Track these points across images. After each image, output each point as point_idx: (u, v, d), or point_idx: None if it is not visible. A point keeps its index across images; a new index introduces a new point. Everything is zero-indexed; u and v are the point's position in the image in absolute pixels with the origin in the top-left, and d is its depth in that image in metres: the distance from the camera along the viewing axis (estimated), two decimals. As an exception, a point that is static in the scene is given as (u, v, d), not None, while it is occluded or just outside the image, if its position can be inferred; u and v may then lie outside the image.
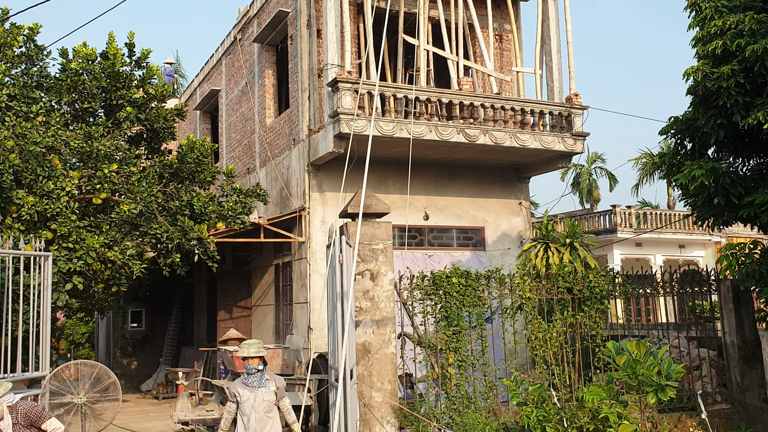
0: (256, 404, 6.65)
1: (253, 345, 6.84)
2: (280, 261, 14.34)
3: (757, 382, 9.74)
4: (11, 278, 7.62)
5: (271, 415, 6.73)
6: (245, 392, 6.71)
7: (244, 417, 6.65)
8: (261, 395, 6.67)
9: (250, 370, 6.72)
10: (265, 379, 6.76)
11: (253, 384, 6.70)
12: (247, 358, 6.74)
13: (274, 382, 6.82)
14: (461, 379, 8.98)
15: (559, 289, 9.65)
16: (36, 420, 6.01)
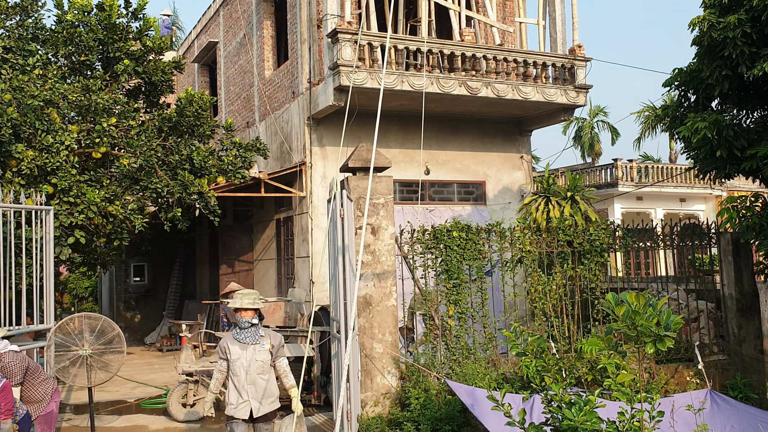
0: (248, 363, 5.93)
1: (248, 295, 6.04)
2: (281, 216, 14.36)
3: (753, 334, 9.86)
4: (13, 232, 7.65)
5: (265, 377, 6.00)
6: (236, 349, 5.97)
7: (234, 378, 5.94)
8: (254, 353, 5.94)
9: (243, 324, 5.96)
10: (259, 336, 6.00)
11: (246, 340, 5.96)
12: (239, 310, 5.98)
13: (270, 339, 6.06)
14: (461, 331, 9.09)
15: (559, 243, 9.68)
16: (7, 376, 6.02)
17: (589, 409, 4.82)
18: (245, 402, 5.91)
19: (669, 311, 4.43)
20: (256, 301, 6.05)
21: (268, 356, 6.01)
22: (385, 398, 8.42)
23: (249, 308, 5.98)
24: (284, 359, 6.16)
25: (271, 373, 6.05)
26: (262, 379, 5.97)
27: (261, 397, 5.93)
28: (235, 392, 5.96)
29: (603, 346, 5.36)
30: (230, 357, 5.94)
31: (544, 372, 5.37)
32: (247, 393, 5.91)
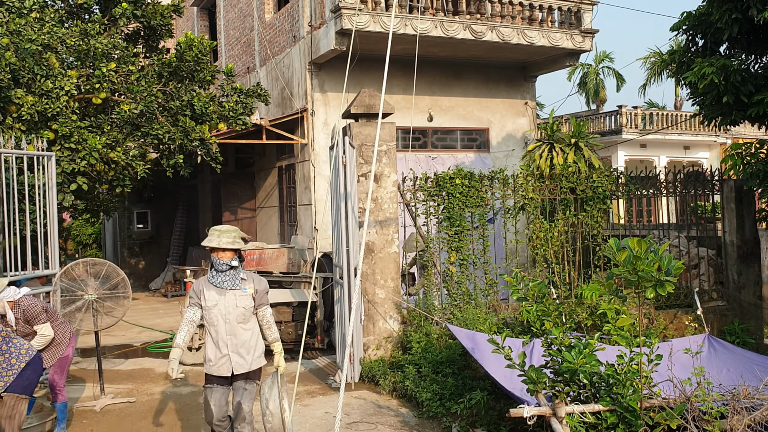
0: (227, 311, 5.10)
1: (226, 233, 5.10)
2: (283, 163, 14.32)
3: (753, 280, 9.94)
4: (16, 178, 7.64)
5: (247, 327, 5.19)
6: (212, 294, 5.11)
7: (211, 329, 5.12)
8: (233, 299, 5.10)
9: (220, 266, 5.06)
10: (240, 279, 5.15)
11: (224, 284, 5.10)
12: (216, 250, 5.07)
13: (253, 283, 5.21)
14: (462, 277, 9.17)
15: (562, 189, 9.67)
16: (31, 320, 6.15)
17: (588, 352, 4.89)
18: (225, 357, 5.10)
19: (670, 257, 4.45)
20: (236, 240, 5.11)
21: (250, 302, 5.18)
22: (387, 342, 8.56)
23: (227, 249, 5.05)
24: (268, 308, 5.35)
25: (254, 324, 5.27)
26: (244, 329, 5.17)
27: (244, 351, 5.16)
28: (213, 346, 5.15)
29: (603, 291, 5.43)
30: (205, 304, 5.11)
31: (545, 317, 5.43)
32: (227, 346, 5.10)
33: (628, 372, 4.95)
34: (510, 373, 5.94)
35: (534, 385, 5.09)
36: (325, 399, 7.59)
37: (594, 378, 5.02)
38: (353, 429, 6.50)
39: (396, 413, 7.02)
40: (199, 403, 7.58)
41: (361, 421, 6.76)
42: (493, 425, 6.27)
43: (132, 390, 8.18)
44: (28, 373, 5.36)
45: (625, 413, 4.75)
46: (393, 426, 6.61)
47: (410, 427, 6.58)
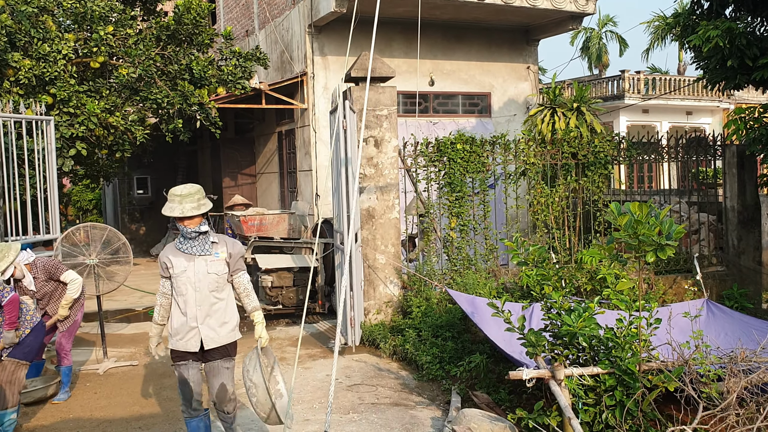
0: (196, 278, 4.57)
1: (188, 197, 4.50)
2: (282, 128, 14.24)
3: (753, 246, 9.96)
4: (15, 143, 7.61)
5: (221, 296, 4.66)
6: (179, 261, 4.59)
7: (179, 298, 4.60)
8: (204, 265, 4.58)
9: (188, 233, 4.54)
10: (210, 243, 4.63)
11: (192, 250, 4.58)
12: (181, 220, 4.54)
13: (226, 247, 4.70)
14: (462, 243, 9.19)
15: (563, 154, 9.62)
16: (54, 272, 6.29)
17: (588, 316, 4.92)
18: (194, 329, 4.57)
19: (671, 221, 4.45)
20: (201, 203, 4.54)
21: (223, 268, 4.65)
22: (387, 306, 8.61)
23: (195, 216, 4.52)
24: (245, 274, 4.79)
25: (228, 292, 4.74)
26: (216, 298, 4.63)
27: (215, 323, 4.62)
28: (181, 317, 4.60)
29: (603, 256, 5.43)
30: (173, 271, 4.59)
31: (544, 281, 5.45)
32: (196, 317, 4.56)
33: (627, 335, 4.98)
34: (509, 337, 5.99)
35: (533, 349, 5.13)
36: (326, 362, 7.66)
37: (593, 341, 5.06)
38: (354, 391, 6.58)
39: (396, 376, 7.10)
40: (202, 366, 7.66)
41: (362, 383, 6.84)
42: (492, 388, 6.34)
43: (134, 354, 8.26)
44: (30, 339, 5.41)
45: (623, 376, 4.79)
46: (393, 388, 6.69)
47: (410, 390, 6.66)
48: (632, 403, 4.69)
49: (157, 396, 6.64)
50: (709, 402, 4.23)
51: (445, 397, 6.40)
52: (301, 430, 5.59)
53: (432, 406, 6.17)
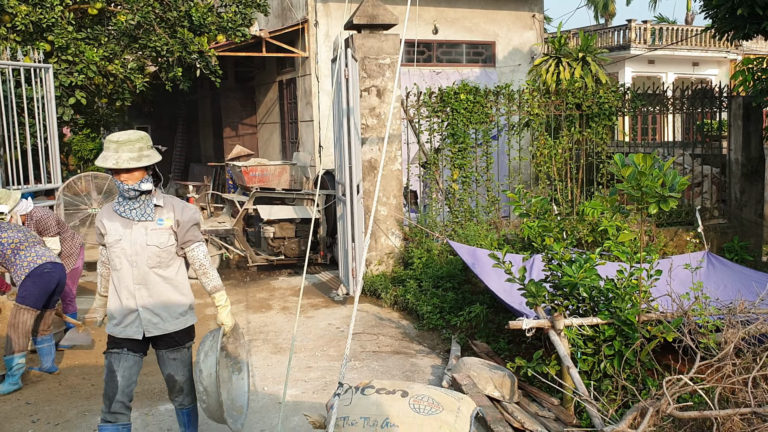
0: (134, 250, 3.71)
1: (126, 144, 3.60)
2: (283, 77, 14.07)
3: (755, 198, 9.94)
4: (13, 91, 7.53)
5: (165, 274, 3.80)
6: (115, 227, 3.73)
7: (114, 274, 3.77)
8: (143, 235, 3.71)
9: (125, 191, 3.66)
10: (152, 207, 3.74)
11: (131, 214, 3.71)
12: (117, 173, 3.65)
13: (173, 212, 3.79)
14: (464, 194, 9.17)
15: (567, 105, 9.52)
16: (43, 231, 6.25)
17: (589, 267, 4.94)
18: (133, 313, 3.76)
19: (675, 172, 4.42)
20: (143, 153, 3.64)
21: (168, 239, 3.76)
22: (388, 258, 8.65)
23: (134, 168, 3.62)
24: (200, 246, 3.89)
25: (178, 269, 3.88)
26: (160, 276, 3.78)
27: (159, 307, 3.79)
28: (116, 298, 3.79)
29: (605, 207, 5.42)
30: (106, 239, 3.76)
31: (546, 232, 5.45)
32: (135, 298, 3.74)
33: (627, 287, 5.01)
34: (509, 288, 6.03)
35: (533, 299, 5.17)
36: (328, 311, 7.75)
37: (593, 292, 5.09)
38: (356, 339, 6.67)
39: (397, 325, 7.19)
40: (205, 314, 7.76)
41: (364, 332, 6.93)
42: (492, 337, 6.42)
43: (139, 302, 8.33)
44: (28, 284, 5.45)
45: (622, 326, 4.84)
46: (394, 337, 6.78)
47: (411, 338, 6.74)
48: (631, 353, 4.75)
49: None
50: (707, 352, 4.28)
51: (445, 346, 6.49)
52: (303, 377, 5.69)
53: (432, 355, 6.26)
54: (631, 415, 3.72)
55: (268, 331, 7.06)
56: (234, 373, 4.32)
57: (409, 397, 3.37)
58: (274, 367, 5.96)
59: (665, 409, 3.68)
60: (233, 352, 4.32)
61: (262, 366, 6.00)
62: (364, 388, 3.50)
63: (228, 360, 4.30)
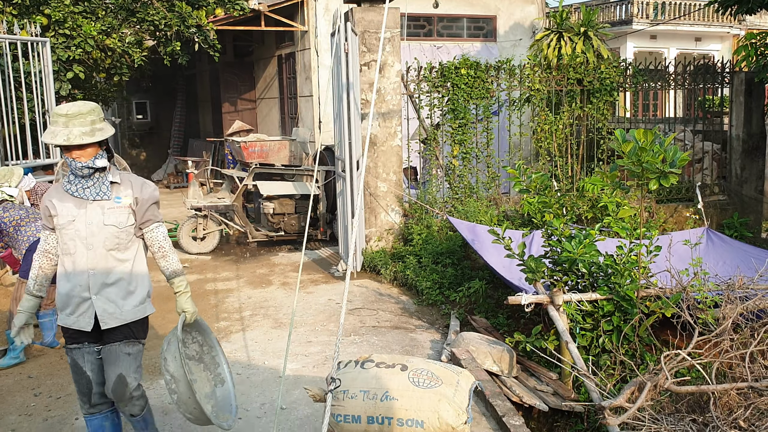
0: (88, 231, 3.37)
1: (77, 117, 3.26)
2: (282, 52, 13.96)
3: (756, 175, 9.93)
4: (11, 65, 7.47)
5: (124, 256, 3.47)
6: (67, 207, 3.39)
7: (66, 258, 3.41)
8: (99, 214, 3.39)
9: (79, 170, 3.32)
10: (108, 185, 3.40)
11: (84, 193, 3.37)
12: (68, 150, 3.30)
13: (132, 189, 3.48)
14: (464, 170, 9.15)
15: (569, 81, 9.46)
16: None
17: (588, 242, 4.94)
18: (86, 302, 3.41)
19: (676, 148, 4.40)
20: (95, 127, 3.31)
21: (127, 219, 3.45)
22: (388, 234, 8.66)
23: (87, 144, 3.28)
24: (160, 227, 3.59)
25: (135, 252, 3.54)
26: (117, 260, 3.45)
27: (116, 294, 3.45)
28: (67, 283, 3.42)
29: (605, 183, 5.42)
30: (57, 221, 3.40)
31: (546, 208, 5.45)
32: (89, 285, 3.39)
33: (626, 262, 5.02)
34: (509, 263, 6.05)
35: (533, 275, 5.18)
36: (328, 287, 7.77)
37: (593, 268, 5.11)
38: (355, 314, 6.70)
39: (396, 300, 7.22)
40: (206, 289, 7.79)
41: (363, 307, 6.96)
42: (491, 313, 6.45)
43: (139, 277, 8.36)
44: (29, 258, 5.47)
45: (621, 302, 4.86)
46: (393, 312, 6.81)
47: (410, 314, 6.78)
48: (629, 328, 4.77)
49: (162, 319, 6.77)
50: (705, 328, 4.31)
51: (444, 322, 6.52)
52: (303, 351, 5.72)
53: (431, 330, 6.30)
54: (629, 390, 3.75)
55: (268, 306, 7.09)
56: (217, 386, 3.91)
57: (409, 371, 3.40)
58: (274, 342, 5.99)
59: (663, 383, 3.71)
60: (210, 363, 3.92)
61: (263, 340, 6.04)
62: (363, 362, 3.53)
63: (207, 373, 3.90)
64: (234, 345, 5.96)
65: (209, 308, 7.08)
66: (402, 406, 3.25)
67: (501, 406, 4.34)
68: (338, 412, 3.33)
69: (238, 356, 5.68)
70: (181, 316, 3.66)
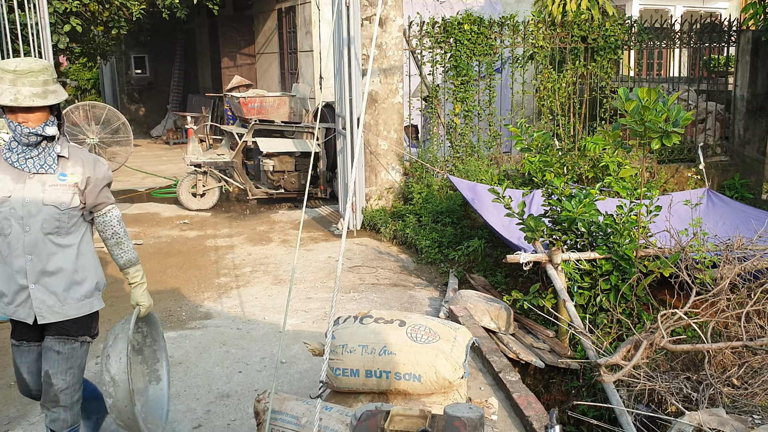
0: (25, 210, 2.93)
1: (27, 76, 2.82)
2: (282, 5, 13.72)
3: (759, 136, 9.86)
4: (6, 16, 7.35)
5: (65, 242, 3.02)
6: (3, 181, 2.94)
7: (1, 239, 2.97)
8: (39, 191, 2.95)
9: (23, 136, 2.89)
10: (54, 157, 2.97)
11: (26, 165, 2.94)
12: (13, 111, 2.87)
13: (81, 166, 3.03)
14: (466, 129, 9.09)
15: (573, 38, 9.33)
16: None
17: (588, 202, 4.94)
18: (23, 291, 2.99)
19: (679, 107, 4.36)
20: (47, 87, 2.89)
21: (71, 199, 2.99)
22: (388, 192, 8.65)
23: (37, 107, 2.87)
24: (113, 210, 3.19)
25: (81, 237, 3.10)
26: (58, 245, 3.00)
27: (56, 284, 3.01)
28: (4, 269, 3.00)
29: (607, 143, 5.38)
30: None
31: (547, 167, 5.43)
32: (26, 272, 2.97)
33: (626, 222, 5.03)
34: (508, 222, 6.05)
35: (532, 233, 5.19)
36: (328, 245, 7.80)
37: (592, 227, 5.11)
38: (355, 272, 6.74)
39: (396, 259, 7.25)
40: (206, 245, 7.82)
41: (363, 265, 6.99)
42: (489, 271, 6.48)
43: (139, 233, 8.39)
44: None
45: (620, 261, 4.88)
46: (393, 270, 6.84)
47: (409, 272, 6.81)
48: (627, 287, 4.80)
49: (163, 274, 6.80)
50: (703, 288, 4.33)
51: (443, 280, 6.56)
52: (303, 307, 5.77)
53: (430, 288, 6.34)
54: (625, 348, 3.79)
55: (268, 263, 7.13)
56: (151, 383, 3.52)
57: (407, 327, 3.43)
58: (274, 298, 6.04)
59: (659, 342, 3.75)
60: (150, 356, 3.53)
61: (263, 296, 6.08)
62: (362, 318, 3.56)
63: (144, 367, 3.51)
64: (234, 301, 6.00)
65: (209, 264, 7.11)
66: (400, 360, 3.29)
67: (497, 362, 4.40)
68: (337, 366, 3.37)
69: (238, 312, 5.73)
70: (135, 310, 3.23)
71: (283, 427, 3.14)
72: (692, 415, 3.31)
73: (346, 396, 3.47)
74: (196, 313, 5.74)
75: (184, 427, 3.88)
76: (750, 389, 3.60)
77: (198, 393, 4.30)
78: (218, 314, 5.69)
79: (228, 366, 4.67)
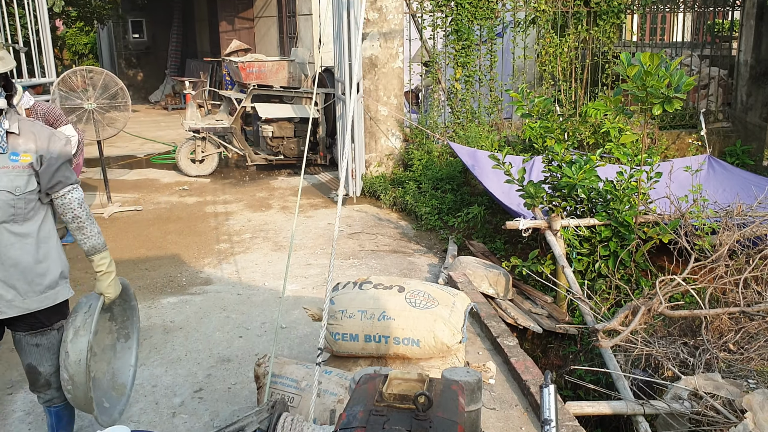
0: None
1: None
2: (281, -32, 13.50)
3: (761, 102, 9.78)
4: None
5: (22, 231, 2.73)
6: None
7: None
8: None
9: None
10: (3, 134, 2.66)
11: None
12: None
13: (34, 142, 2.73)
14: (467, 94, 9.01)
15: (575, 2, 9.19)
16: (54, 122, 6.16)
17: (588, 168, 4.92)
18: None
19: (681, 72, 4.31)
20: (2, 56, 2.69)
21: (26, 182, 2.71)
22: (388, 159, 8.62)
23: None
24: (74, 191, 2.87)
25: (40, 223, 2.82)
26: (15, 234, 2.72)
27: (16, 277, 2.75)
28: None
29: (608, 109, 5.34)
30: None
31: (547, 133, 5.40)
32: None
33: (626, 188, 5.01)
34: (508, 189, 6.04)
35: (531, 200, 5.19)
36: (327, 211, 7.79)
37: (592, 193, 5.10)
38: (354, 238, 6.75)
39: (396, 225, 7.25)
40: (205, 212, 7.81)
41: (362, 231, 7.00)
42: (489, 238, 6.49)
43: (138, 199, 8.38)
44: None
45: (619, 228, 4.88)
46: (392, 236, 6.85)
47: (408, 238, 6.82)
48: (626, 253, 4.81)
49: (163, 240, 6.82)
50: (702, 254, 4.34)
51: (442, 246, 6.57)
52: (303, 273, 5.79)
53: (429, 254, 6.35)
54: (623, 313, 3.81)
55: (268, 229, 7.13)
56: (119, 340, 3.36)
57: (406, 292, 3.44)
58: (274, 264, 6.06)
59: (657, 308, 3.77)
60: (120, 314, 3.35)
61: (263, 262, 6.10)
62: (362, 284, 3.57)
63: (113, 324, 3.35)
64: (234, 267, 6.02)
65: (209, 230, 7.12)
66: (399, 325, 3.31)
67: (496, 327, 4.43)
68: (336, 331, 3.40)
69: (238, 277, 5.76)
70: (99, 300, 2.95)
71: (283, 390, 3.17)
72: (688, 380, 3.35)
73: (345, 360, 3.50)
74: (197, 278, 5.76)
75: (186, 391, 3.93)
76: (746, 354, 3.63)
77: (199, 357, 4.33)
78: (218, 280, 5.72)
79: (228, 331, 4.71)
